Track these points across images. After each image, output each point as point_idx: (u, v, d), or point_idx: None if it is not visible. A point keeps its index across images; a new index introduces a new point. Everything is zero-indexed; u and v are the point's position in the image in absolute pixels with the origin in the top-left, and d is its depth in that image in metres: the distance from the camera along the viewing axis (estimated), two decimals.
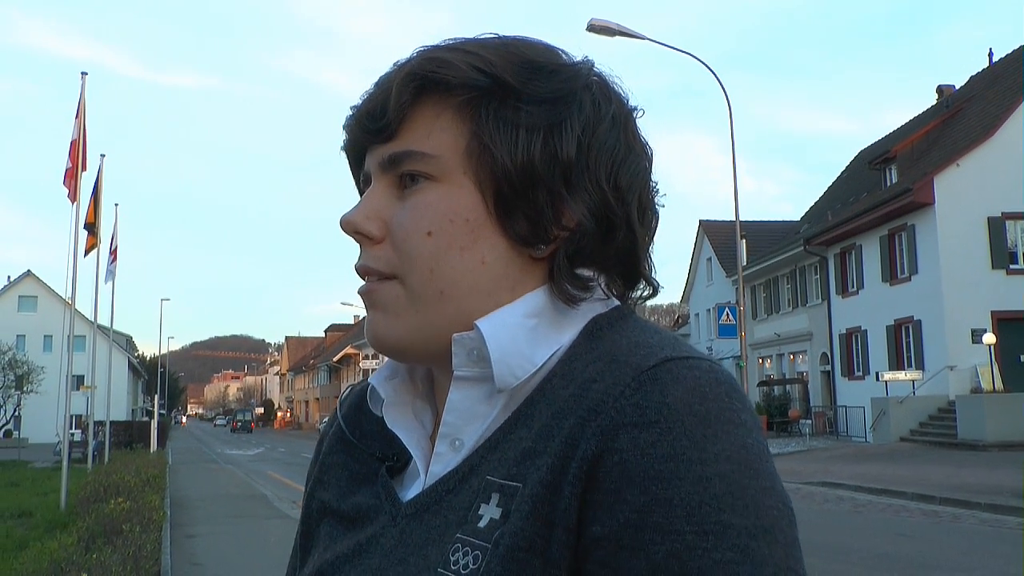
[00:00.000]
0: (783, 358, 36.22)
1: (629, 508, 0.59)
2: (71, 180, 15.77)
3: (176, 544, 10.96)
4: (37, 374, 38.04)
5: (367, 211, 0.73)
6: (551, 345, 0.71)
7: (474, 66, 0.70)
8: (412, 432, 0.76)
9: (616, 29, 18.70)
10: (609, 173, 0.72)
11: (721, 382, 0.64)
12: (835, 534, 10.51)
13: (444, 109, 0.71)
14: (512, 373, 0.69)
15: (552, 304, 0.72)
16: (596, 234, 0.71)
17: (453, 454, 0.71)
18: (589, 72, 0.75)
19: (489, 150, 0.70)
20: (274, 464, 30.96)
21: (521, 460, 0.65)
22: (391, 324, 0.73)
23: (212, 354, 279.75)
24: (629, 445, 0.60)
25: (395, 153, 0.72)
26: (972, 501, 12.44)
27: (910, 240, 25.87)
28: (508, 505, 0.64)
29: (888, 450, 22.00)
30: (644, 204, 0.75)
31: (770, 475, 0.62)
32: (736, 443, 0.61)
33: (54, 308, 53.32)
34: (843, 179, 37.72)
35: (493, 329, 0.69)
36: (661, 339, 0.68)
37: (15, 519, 13.66)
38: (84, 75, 16.24)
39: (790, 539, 0.60)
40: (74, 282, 16.19)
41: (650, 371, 0.63)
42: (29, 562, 8.15)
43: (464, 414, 0.71)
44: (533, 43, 0.75)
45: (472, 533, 0.65)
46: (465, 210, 0.71)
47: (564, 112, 0.71)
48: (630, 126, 0.75)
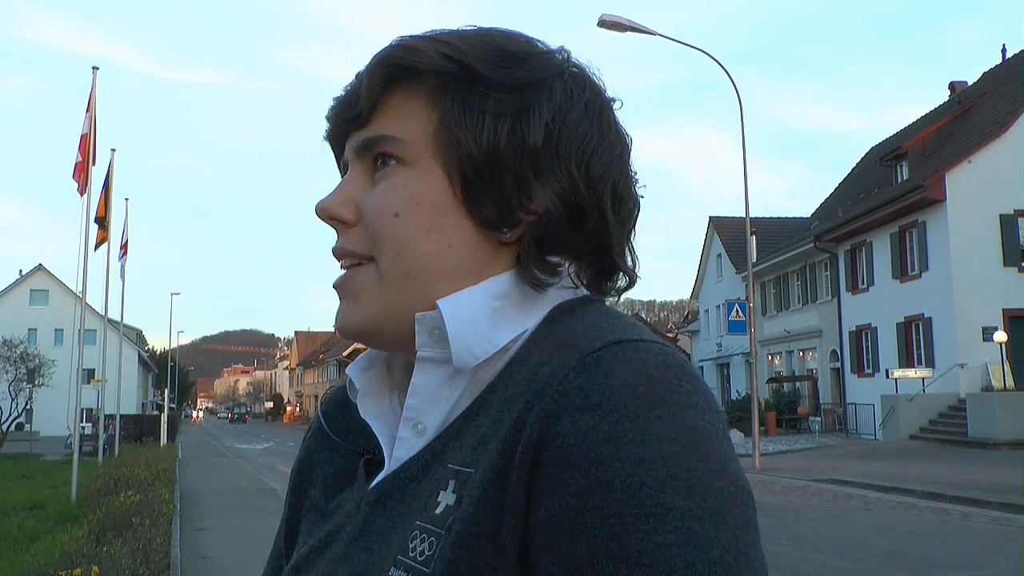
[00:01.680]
0: (793, 355, 36.12)
1: (569, 492, 0.58)
2: (81, 174, 15.83)
3: (185, 537, 11.02)
4: (48, 368, 38.14)
5: (341, 197, 0.74)
6: (514, 328, 0.71)
7: (443, 53, 0.71)
8: (384, 421, 0.76)
9: (627, 25, 18.64)
10: (580, 160, 0.71)
11: (671, 365, 0.62)
12: (844, 532, 10.49)
13: (413, 95, 0.73)
14: (470, 352, 0.69)
15: (519, 288, 0.72)
16: (564, 220, 0.71)
17: (416, 439, 0.71)
18: (564, 61, 0.75)
19: (455, 135, 0.71)
20: (283, 458, 31.06)
21: (476, 446, 0.65)
22: (358, 309, 0.73)
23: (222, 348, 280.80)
24: (571, 428, 0.59)
25: (368, 138, 0.73)
26: (982, 499, 12.41)
27: (921, 237, 25.76)
28: (461, 491, 0.64)
29: (898, 448, 21.93)
30: (620, 193, 0.74)
31: (721, 457, 0.60)
32: (683, 425, 0.59)
33: (65, 302, 53.54)
34: (854, 175, 37.57)
35: (452, 308, 0.69)
36: (616, 324, 0.67)
37: (27, 511, 13.76)
38: (95, 70, 16.30)
39: (741, 521, 0.59)
40: (85, 276, 16.26)
41: (595, 353, 0.62)
42: (40, 554, 8.19)
43: (427, 398, 0.71)
44: (509, 33, 0.75)
45: (429, 520, 0.65)
46: (432, 193, 0.71)
47: (533, 99, 0.71)
48: (605, 115, 0.75)
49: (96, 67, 16.32)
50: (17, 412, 36.29)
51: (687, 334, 51.88)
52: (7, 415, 34.94)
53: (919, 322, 26.00)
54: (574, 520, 0.58)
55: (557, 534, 0.58)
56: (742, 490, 0.60)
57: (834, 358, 32.00)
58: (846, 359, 30.63)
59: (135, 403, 60.14)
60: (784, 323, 35.98)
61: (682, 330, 56.74)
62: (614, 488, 0.57)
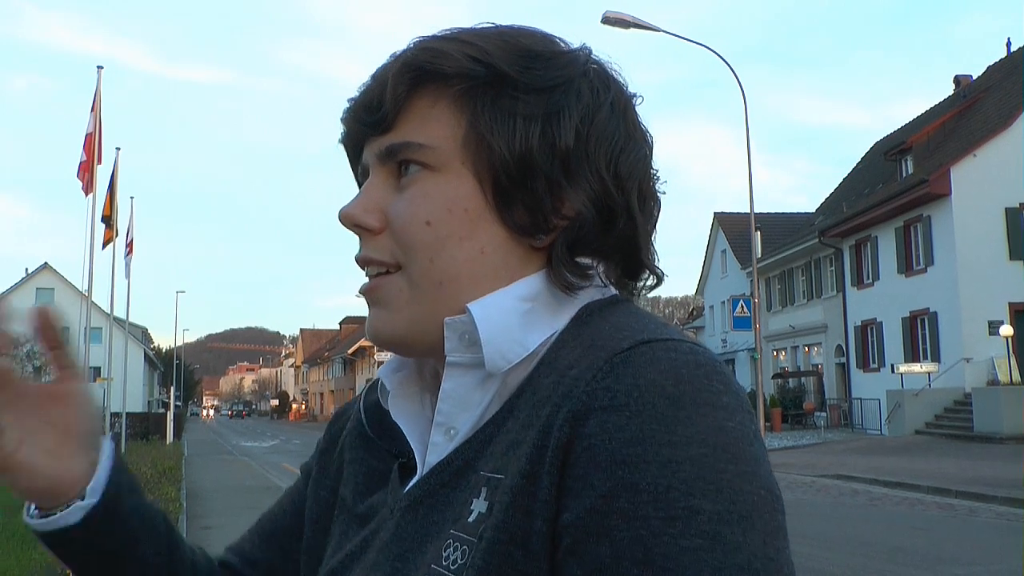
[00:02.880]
0: (798, 350, 36.07)
1: (595, 493, 0.57)
2: (86, 173, 15.89)
3: (192, 535, 11.05)
4: None
5: (366, 204, 0.73)
6: (545, 330, 0.70)
7: (470, 56, 0.69)
8: (416, 424, 0.75)
9: (631, 21, 18.63)
10: (609, 161, 0.71)
11: (701, 364, 0.61)
12: (850, 527, 10.48)
13: (441, 99, 0.71)
14: (503, 356, 0.68)
15: (549, 289, 0.71)
16: (596, 223, 0.70)
17: (448, 443, 0.70)
18: (587, 59, 0.74)
19: (486, 140, 0.69)
20: (289, 456, 31.09)
21: (506, 452, 0.64)
22: (391, 318, 0.72)
23: (227, 346, 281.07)
24: (597, 430, 0.59)
25: (393, 144, 0.72)
26: (988, 495, 12.38)
27: (926, 231, 25.70)
28: (492, 498, 0.63)
29: (903, 443, 21.89)
30: (645, 192, 0.74)
31: (752, 459, 0.59)
32: (712, 426, 0.58)
33: (71, 300, 53.62)
34: (858, 170, 37.49)
35: (485, 311, 0.68)
36: (645, 324, 0.66)
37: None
38: (100, 69, 16.35)
39: (771, 527, 0.57)
40: (90, 275, 16.32)
41: (623, 353, 0.62)
42: (46, 554, 8.21)
43: (458, 402, 0.70)
44: (530, 32, 0.74)
45: (463, 528, 0.64)
46: (464, 200, 0.70)
47: (562, 100, 0.70)
48: (629, 113, 0.74)
49: (101, 66, 16.41)
50: None
51: (692, 330, 51.85)
52: None
53: (924, 317, 25.95)
54: (599, 522, 0.57)
55: (582, 536, 0.57)
56: (772, 494, 0.59)
57: (839, 353, 31.96)
58: (851, 354, 30.59)
59: (141, 401, 60.26)
60: (789, 319, 35.93)
61: (687, 326, 56.68)
62: (640, 490, 0.56)
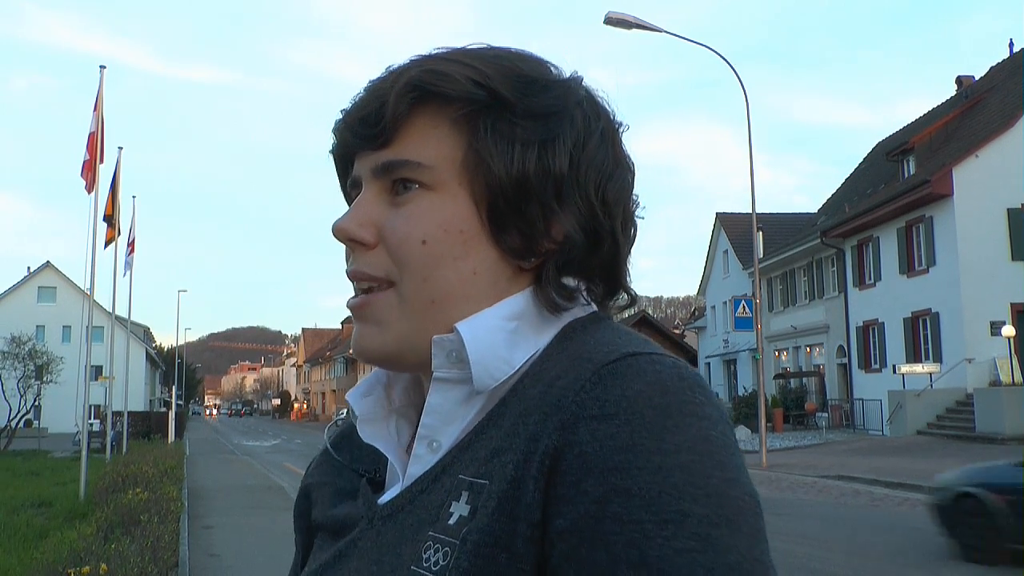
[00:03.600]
0: (799, 351, 36.05)
1: (589, 499, 0.59)
2: (89, 172, 15.89)
3: (194, 535, 11.06)
4: (56, 365, 38.29)
5: (360, 218, 0.74)
6: (529, 348, 0.72)
7: (472, 79, 0.71)
8: (388, 443, 0.77)
9: (633, 22, 18.63)
10: (598, 187, 0.73)
11: (684, 377, 0.64)
12: (851, 528, 10.48)
13: (442, 120, 0.72)
14: (490, 375, 0.70)
15: (534, 308, 0.73)
16: (584, 247, 0.73)
17: (431, 456, 0.72)
18: (580, 88, 0.76)
19: (486, 163, 0.71)
20: (291, 455, 31.14)
21: (490, 458, 0.66)
22: (380, 335, 0.74)
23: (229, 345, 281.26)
24: (589, 437, 0.61)
25: (390, 160, 0.73)
26: None
27: (928, 232, 25.68)
28: (476, 502, 0.65)
29: (905, 443, 21.88)
30: (628, 217, 0.77)
31: (735, 467, 0.61)
32: (698, 435, 0.61)
33: (73, 299, 53.80)
34: (861, 170, 37.47)
35: (473, 331, 0.70)
36: (628, 339, 0.69)
37: (35, 508, 13.80)
38: (102, 68, 16.32)
39: (755, 530, 0.60)
40: (92, 274, 16.31)
41: (611, 365, 0.64)
42: (49, 552, 8.22)
43: (443, 416, 0.72)
44: (525, 56, 0.76)
45: (443, 530, 0.66)
46: (459, 221, 0.72)
47: (557, 127, 0.72)
48: (617, 141, 0.77)
49: (103, 66, 16.34)
50: (25, 409, 36.42)
51: (694, 330, 51.82)
52: (15, 412, 35.08)
53: (926, 317, 25.93)
54: (594, 527, 0.58)
55: (577, 542, 0.59)
56: (754, 500, 0.62)
57: (841, 354, 31.94)
58: (853, 355, 30.57)
59: (143, 400, 60.36)
60: (791, 319, 35.92)
61: (689, 326, 56.66)
62: (633, 495, 0.58)
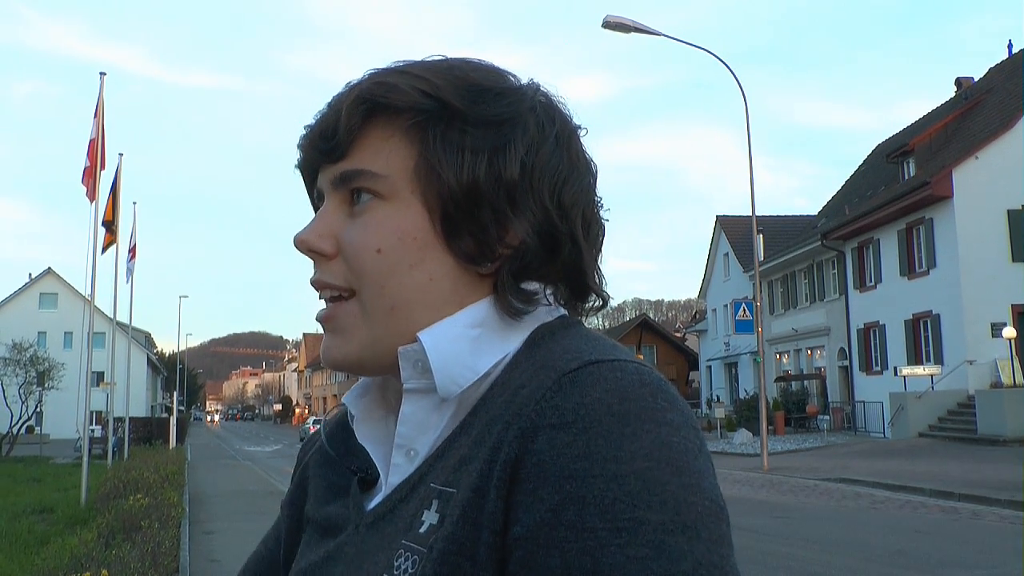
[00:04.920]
0: (800, 353, 36.02)
1: (544, 507, 0.60)
2: (89, 179, 15.90)
3: (194, 540, 11.06)
4: (58, 371, 38.32)
5: (320, 229, 0.76)
6: (495, 354, 0.73)
7: (420, 90, 0.73)
8: (381, 445, 0.78)
9: (631, 25, 18.65)
10: (552, 192, 0.74)
11: (646, 383, 0.64)
12: (853, 531, 10.47)
13: (394, 131, 0.74)
14: (454, 381, 0.71)
15: (496, 313, 0.74)
16: (540, 251, 0.74)
17: (408, 464, 0.74)
18: (534, 94, 0.77)
19: (436, 171, 0.73)
20: (292, 461, 30.86)
21: (458, 467, 0.67)
22: (344, 343, 0.75)
23: (230, 351, 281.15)
24: (547, 446, 0.61)
25: (346, 171, 0.75)
26: (992, 497, 12.35)
27: (928, 234, 25.67)
28: (444, 510, 0.66)
29: (906, 446, 21.85)
30: (589, 219, 0.77)
31: (696, 473, 0.61)
32: (656, 441, 0.61)
33: (75, 305, 53.75)
34: (860, 173, 37.45)
35: (434, 340, 0.72)
36: (595, 345, 0.70)
37: (37, 515, 13.80)
38: (103, 75, 16.35)
39: (715, 536, 0.60)
40: (93, 279, 16.31)
41: (571, 374, 0.65)
42: (50, 558, 8.23)
43: (416, 425, 0.74)
44: (479, 65, 0.77)
45: (414, 539, 0.67)
46: (413, 228, 0.73)
47: (509, 134, 0.73)
48: (574, 145, 0.78)
49: (104, 72, 16.37)
50: (27, 415, 36.44)
51: (695, 333, 51.78)
52: (17, 418, 35.07)
53: (927, 319, 25.92)
54: (549, 535, 0.59)
55: (533, 548, 0.59)
56: (716, 505, 0.61)
57: (842, 356, 31.91)
58: (854, 357, 30.54)
59: (144, 406, 60.34)
60: (792, 321, 35.89)
61: (690, 329, 56.64)
62: (588, 503, 0.58)
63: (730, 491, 15.14)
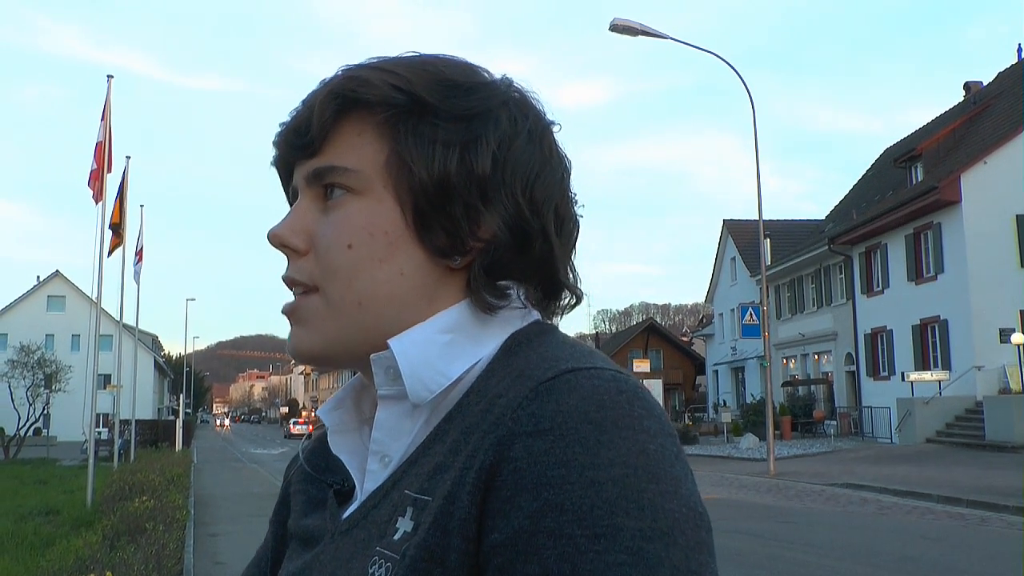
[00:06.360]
0: (807, 358, 35.95)
1: (523, 514, 0.59)
2: (96, 181, 15.95)
3: (199, 542, 11.07)
4: (65, 373, 38.49)
5: (293, 225, 0.76)
6: (468, 359, 0.73)
7: (392, 84, 0.73)
8: (356, 456, 0.78)
9: (639, 29, 18.64)
10: (524, 187, 0.74)
11: (623, 391, 0.64)
12: (860, 536, 10.42)
13: (366, 126, 0.74)
14: (426, 387, 0.71)
15: (470, 318, 0.74)
16: (512, 245, 0.74)
17: (383, 470, 0.74)
18: (508, 89, 0.77)
19: (407, 165, 0.73)
20: None
21: (433, 474, 0.67)
22: (308, 335, 0.76)
23: (237, 354, 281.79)
24: (523, 453, 0.61)
25: (319, 168, 0.75)
26: (1000, 504, 12.29)
27: (936, 239, 25.60)
28: (419, 518, 0.66)
29: (914, 451, 21.77)
30: (562, 215, 0.77)
31: (673, 479, 0.61)
32: (633, 448, 0.61)
33: (82, 308, 53.90)
34: (868, 177, 37.40)
35: (404, 346, 0.72)
36: (572, 352, 0.69)
37: (43, 517, 13.85)
38: (110, 78, 16.43)
39: (693, 542, 0.60)
40: (100, 282, 16.37)
41: (548, 382, 0.64)
42: (55, 559, 8.24)
43: (390, 431, 0.74)
44: (452, 61, 0.77)
45: (388, 546, 0.67)
46: (384, 223, 0.73)
47: (480, 128, 0.73)
48: (547, 140, 0.78)
49: (111, 75, 16.45)
50: (34, 417, 36.59)
51: (702, 338, 51.73)
52: (24, 420, 35.24)
53: (935, 324, 25.83)
54: (527, 542, 0.59)
55: (511, 556, 0.59)
56: (694, 511, 0.61)
57: (849, 361, 31.84)
58: (861, 362, 30.47)
59: (151, 408, 60.49)
60: (799, 326, 35.84)
61: (697, 334, 56.59)
62: (565, 510, 0.58)
63: (736, 496, 15.10)
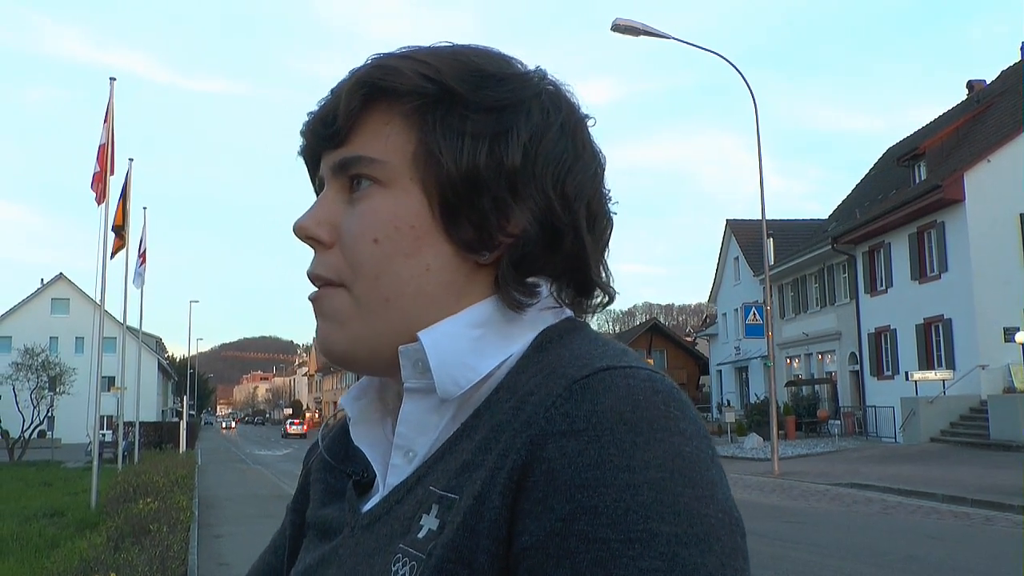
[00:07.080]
0: (811, 358, 35.90)
1: (555, 517, 0.58)
2: (99, 184, 15.98)
3: (203, 544, 11.08)
4: (69, 375, 38.58)
5: (318, 216, 0.74)
6: (498, 355, 0.71)
7: (422, 73, 0.71)
8: (378, 448, 0.77)
9: (641, 28, 18.64)
10: (555, 181, 0.72)
11: (659, 391, 0.62)
12: (864, 536, 10.41)
13: (393, 116, 0.72)
14: (455, 382, 0.69)
15: (500, 314, 0.72)
16: (541, 240, 0.72)
17: (407, 465, 0.72)
18: (540, 81, 0.75)
19: (435, 156, 0.71)
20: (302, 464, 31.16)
21: (460, 472, 0.65)
22: (338, 333, 0.74)
23: (241, 355, 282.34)
24: (557, 454, 0.59)
25: (345, 158, 0.73)
26: (1005, 503, 12.27)
27: (940, 238, 25.56)
28: (445, 517, 0.64)
29: (918, 451, 21.74)
30: (594, 211, 0.75)
31: (709, 483, 0.60)
32: (670, 451, 0.59)
33: (86, 310, 54.01)
34: (871, 176, 37.35)
35: (434, 339, 0.70)
36: (605, 350, 0.67)
37: (48, 518, 13.88)
38: (113, 80, 16.46)
39: (729, 548, 0.58)
40: (103, 285, 16.39)
41: (582, 381, 0.63)
42: (60, 561, 8.26)
43: (416, 425, 0.72)
44: (485, 51, 0.75)
45: (412, 544, 0.65)
46: (411, 216, 0.71)
47: (511, 120, 0.71)
48: (580, 134, 0.75)
49: (114, 78, 16.48)
50: (39, 420, 36.66)
51: (705, 338, 51.67)
52: (29, 423, 35.30)
53: (939, 323, 25.78)
54: (559, 545, 0.57)
55: (542, 559, 0.58)
56: (730, 517, 0.60)
57: (853, 360, 31.79)
58: (865, 361, 30.42)
59: (155, 410, 60.54)
60: (802, 326, 35.79)
61: (700, 334, 56.52)
62: (599, 513, 0.57)
63: (741, 496, 15.08)
